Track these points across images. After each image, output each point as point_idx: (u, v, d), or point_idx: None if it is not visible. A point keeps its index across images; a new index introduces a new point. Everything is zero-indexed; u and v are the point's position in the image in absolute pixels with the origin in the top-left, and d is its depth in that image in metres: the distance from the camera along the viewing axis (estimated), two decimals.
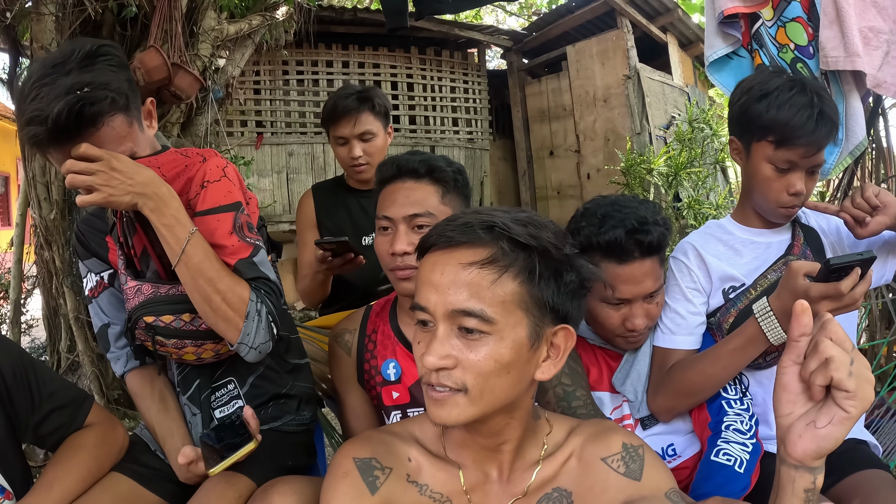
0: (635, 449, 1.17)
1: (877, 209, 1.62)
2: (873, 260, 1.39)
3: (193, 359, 1.58)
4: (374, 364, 1.70)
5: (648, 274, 1.60)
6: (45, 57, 1.40)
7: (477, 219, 1.04)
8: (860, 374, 0.84)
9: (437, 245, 1.06)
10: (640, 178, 5.29)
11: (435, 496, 1.15)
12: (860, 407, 0.83)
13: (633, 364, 1.74)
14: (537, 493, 1.15)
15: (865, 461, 1.58)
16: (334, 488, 1.11)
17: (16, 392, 1.46)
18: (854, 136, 2.07)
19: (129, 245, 1.54)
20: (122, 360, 1.68)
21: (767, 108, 1.63)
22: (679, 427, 1.73)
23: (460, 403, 1.02)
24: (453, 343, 1.01)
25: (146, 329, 1.50)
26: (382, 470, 1.14)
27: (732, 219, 1.85)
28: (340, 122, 2.50)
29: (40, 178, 3.30)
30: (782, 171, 1.65)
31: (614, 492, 1.13)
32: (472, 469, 1.17)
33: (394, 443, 1.19)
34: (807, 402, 0.89)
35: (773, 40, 2.12)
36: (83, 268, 1.69)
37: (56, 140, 1.37)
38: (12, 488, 1.44)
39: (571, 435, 1.20)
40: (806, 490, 0.88)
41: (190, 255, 1.39)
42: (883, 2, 2.08)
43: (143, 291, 1.50)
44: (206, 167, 1.52)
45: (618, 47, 7.34)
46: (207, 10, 3.85)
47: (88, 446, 1.53)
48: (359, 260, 2.12)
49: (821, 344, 0.86)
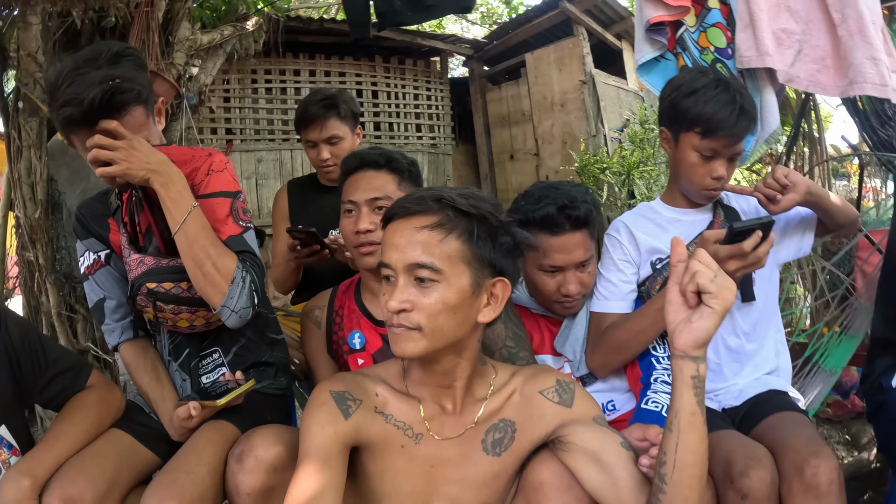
0: (567, 384, 1.43)
1: (787, 188, 1.84)
2: (772, 223, 1.63)
3: (186, 325, 1.76)
4: (342, 335, 1.90)
5: (579, 245, 1.84)
6: (76, 54, 1.60)
7: (428, 193, 1.32)
8: (721, 282, 1.11)
9: (398, 215, 1.32)
10: (595, 178, 5.56)
11: (399, 424, 1.39)
12: (721, 304, 1.11)
13: (572, 328, 1.96)
14: (486, 423, 1.39)
15: (784, 406, 1.79)
16: (313, 415, 1.32)
17: (24, 358, 1.61)
18: (768, 126, 2.32)
19: (136, 222, 1.72)
20: (116, 331, 1.84)
21: (695, 103, 1.84)
22: (617, 385, 1.95)
23: (415, 338, 1.27)
24: (410, 291, 1.27)
25: (147, 295, 1.68)
26: (354, 401, 1.36)
27: (661, 200, 2.08)
28: (309, 128, 2.67)
29: (25, 178, 3.42)
30: (706, 159, 1.87)
31: (550, 417, 1.38)
32: (429, 402, 1.40)
33: (363, 381, 1.42)
34: (686, 309, 1.15)
35: (696, 44, 2.34)
36: (81, 247, 1.85)
37: (87, 121, 1.56)
38: (18, 446, 1.60)
39: (513, 377, 1.46)
40: (692, 377, 1.13)
41: (189, 224, 1.58)
42: (795, 5, 2.30)
43: (145, 262, 1.70)
44: (213, 160, 1.74)
45: (574, 54, 7.49)
46: (182, 21, 4.05)
47: (90, 404, 1.67)
48: (324, 254, 2.30)
49: (691, 264, 1.14)
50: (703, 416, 1.15)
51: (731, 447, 1.54)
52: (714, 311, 1.12)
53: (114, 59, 1.61)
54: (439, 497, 1.36)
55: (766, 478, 1.45)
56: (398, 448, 1.37)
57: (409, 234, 1.29)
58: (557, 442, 1.33)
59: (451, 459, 1.38)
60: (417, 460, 1.37)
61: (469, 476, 1.37)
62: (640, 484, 1.22)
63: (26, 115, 3.42)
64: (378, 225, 1.75)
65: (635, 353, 1.85)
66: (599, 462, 1.26)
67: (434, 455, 1.37)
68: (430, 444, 1.38)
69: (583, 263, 1.86)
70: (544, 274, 1.88)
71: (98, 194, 1.92)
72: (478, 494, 1.36)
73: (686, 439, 1.13)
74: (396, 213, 1.33)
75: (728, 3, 2.34)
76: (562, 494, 1.27)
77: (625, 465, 1.24)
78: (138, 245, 1.76)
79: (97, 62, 1.58)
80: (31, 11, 3.14)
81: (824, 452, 1.46)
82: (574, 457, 1.29)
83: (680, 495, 1.13)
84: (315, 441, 1.28)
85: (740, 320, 1.96)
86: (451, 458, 1.38)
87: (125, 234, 1.75)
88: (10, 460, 1.55)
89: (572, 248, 1.84)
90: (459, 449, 1.38)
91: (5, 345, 1.57)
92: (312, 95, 2.72)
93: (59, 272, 3.62)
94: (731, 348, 1.96)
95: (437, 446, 1.38)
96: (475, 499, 1.36)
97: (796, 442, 1.53)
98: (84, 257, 1.85)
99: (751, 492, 1.43)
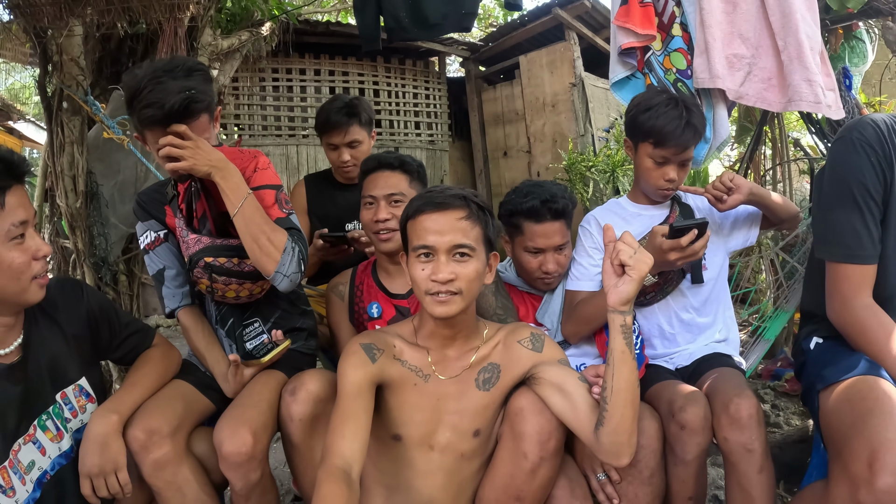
0: (538, 335, 1.82)
1: (731, 190, 2.16)
2: (706, 224, 1.96)
3: (233, 296, 2.01)
4: (363, 306, 2.25)
5: (557, 232, 2.20)
6: (153, 63, 1.89)
7: (455, 193, 1.72)
8: (638, 258, 1.52)
9: (430, 208, 1.70)
10: (581, 175, 5.90)
11: (412, 367, 1.77)
12: (638, 274, 1.51)
13: (550, 303, 2.31)
14: (478, 366, 1.78)
15: (723, 364, 2.11)
16: (348, 360, 1.70)
17: (102, 323, 1.83)
18: (719, 136, 2.64)
19: (192, 209, 2.01)
20: (176, 297, 2.10)
21: (648, 118, 2.16)
22: (588, 351, 2.27)
23: (457, 301, 1.66)
24: (451, 265, 1.65)
25: (204, 268, 1.94)
26: (378, 350, 1.74)
27: (627, 198, 2.41)
28: (332, 133, 2.83)
29: (68, 171, 3.73)
30: (659, 164, 2.19)
31: (526, 360, 1.76)
32: (436, 351, 1.79)
33: (384, 336, 1.80)
34: (615, 277, 1.55)
35: (661, 65, 2.65)
36: (142, 227, 2.13)
37: (163, 123, 1.83)
38: (95, 395, 1.82)
39: (499, 331, 1.84)
40: (621, 325, 1.53)
41: (245, 208, 1.85)
42: (746, 33, 2.56)
43: (202, 241, 1.97)
44: (259, 160, 2.06)
45: (565, 58, 7.72)
46: (206, 28, 4.37)
47: (159, 359, 1.94)
48: (350, 251, 2.58)
49: (617, 244, 1.54)
50: (632, 354, 1.53)
51: (673, 391, 1.91)
52: (632, 278, 1.51)
53: (188, 72, 1.88)
54: (443, 424, 1.74)
55: (700, 413, 1.79)
56: (412, 386, 1.74)
57: (451, 224, 1.67)
58: (532, 378, 1.72)
59: (451, 394, 1.74)
60: (426, 395, 1.74)
61: (465, 407, 1.74)
62: (592, 407, 1.60)
63: (69, 113, 3.72)
64: (394, 215, 2.13)
65: (600, 323, 2.16)
66: (563, 391, 1.64)
67: (439, 391, 1.74)
68: (436, 383, 1.75)
69: (560, 247, 2.23)
70: (528, 255, 2.24)
71: (156, 184, 2.22)
72: (472, 421, 1.74)
73: (619, 370, 1.53)
74: (429, 207, 1.70)
75: (689, 31, 2.65)
76: (536, 416, 1.64)
77: (581, 394, 1.63)
78: (193, 227, 2.04)
79: (174, 73, 1.84)
80: (77, 21, 3.46)
81: (745, 394, 1.78)
82: (544, 388, 1.67)
83: (617, 412, 1.52)
84: (350, 379, 1.66)
85: (691, 298, 2.28)
86: (452, 393, 1.74)
87: (181, 217, 2.04)
88: (87, 406, 1.77)
89: (552, 234, 2.20)
90: (458, 386, 1.74)
91: (87, 311, 1.79)
92: (332, 102, 2.89)
93: (96, 256, 3.95)
94: (684, 321, 2.28)
95: (441, 384, 1.75)
96: (471, 424, 1.73)
97: (725, 387, 1.86)
98: (145, 236, 2.12)
99: (687, 424, 1.79)
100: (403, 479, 1.75)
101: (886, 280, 1.81)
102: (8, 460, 1.56)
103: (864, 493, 1.38)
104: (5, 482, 1.55)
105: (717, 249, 2.33)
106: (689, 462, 1.82)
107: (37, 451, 1.63)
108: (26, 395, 1.63)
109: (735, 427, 1.76)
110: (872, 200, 1.75)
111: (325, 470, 1.51)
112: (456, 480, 1.75)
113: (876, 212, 1.77)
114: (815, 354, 1.90)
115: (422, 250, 1.67)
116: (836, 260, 1.81)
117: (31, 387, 1.65)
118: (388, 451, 1.78)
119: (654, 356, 2.31)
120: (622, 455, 1.57)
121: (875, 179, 1.75)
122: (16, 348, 1.64)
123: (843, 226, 1.78)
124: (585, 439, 1.62)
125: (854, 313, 1.77)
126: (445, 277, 1.63)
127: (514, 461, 1.67)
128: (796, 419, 3.38)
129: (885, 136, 1.75)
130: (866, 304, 1.76)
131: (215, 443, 1.76)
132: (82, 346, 1.79)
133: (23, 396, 1.62)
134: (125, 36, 4.18)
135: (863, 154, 1.75)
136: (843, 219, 1.78)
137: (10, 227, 1.53)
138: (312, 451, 1.80)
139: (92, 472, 1.64)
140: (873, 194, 1.75)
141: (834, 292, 1.82)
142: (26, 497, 1.60)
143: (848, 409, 1.56)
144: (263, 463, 1.80)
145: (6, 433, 1.58)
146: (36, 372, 1.67)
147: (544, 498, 1.73)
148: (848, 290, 1.78)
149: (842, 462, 1.47)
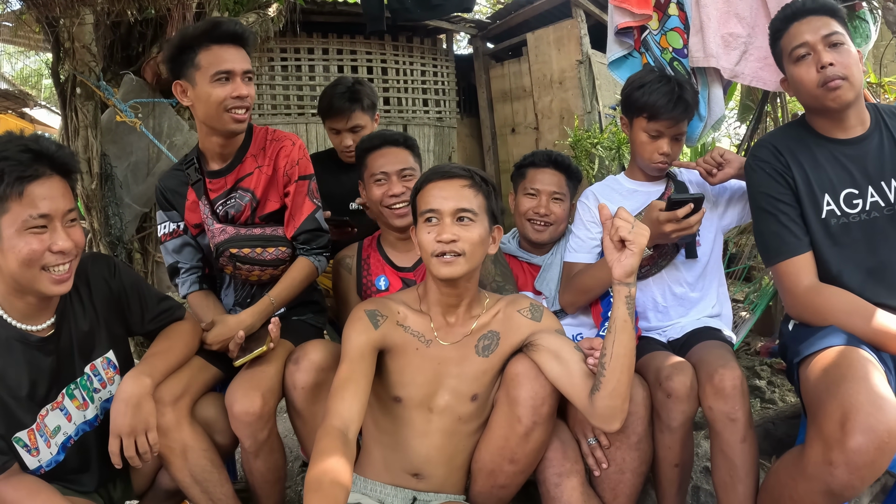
0: (537, 306, 1.90)
1: (721, 165, 2.23)
2: (703, 199, 2.02)
3: (256, 278, 2.20)
4: (370, 279, 2.33)
5: (554, 181, 2.43)
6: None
7: (459, 165, 1.83)
8: (637, 231, 1.60)
9: (438, 177, 1.81)
10: (587, 152, 5.93)
11: (414, 333, 1.86)
12: (637, 247, 1.60)
13: (548, 272, 2.42)
14: (478, 333, 1.86)
15: (711, 337, 2.18)
16: (352, 326, 1.80)
17: (133, 299, 1.91)
18: (714, 114, 2.71)
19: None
20: (186, 284, 2.26)
21: (642, 94, 2.23)
22: (584, 321, 2.36)
23: (460, 262, 1.75)
24: (455, 228, 1.75)
25: (230, 258, 2.12)
26: (382, 316, 1.84)
27: (624, 174, 2.48)
28: (335, 118, 2.85)
29: (83, 154, 3.84)
30: (653, 138, 2.26)
31: (524, 329, 1.85)
32: (438, 317, 1.87)
33: (389, 302, 1.89)
34: (617, 252, 1.64)
35: (658, 45, 2.71)
36: (162, 216, 2.27)
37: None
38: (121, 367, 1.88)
39: (499, 301, 1.92)
40: (626, 297, 1.63)
41: (278, 302, 2.15)
42: (742, 13, 2.62)
43: (227, 231, 2.14)
44: (299, 147, 2.24)
45: (572, 35, 7.73)
46: (213, 12, 4.42)
47: (189, 331, 2.01)
48: (352, 233, 2.66)
49: (614, 221, 1.62)
50: (633, 323, 1.62)
51: (661, 361, 1.99)
52: (633, 252, 1.61)
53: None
54: (443, 387, 1.83)
55: (686, 382, 1.88)
56: (414, 350, 1.83)
57: (456, 190, 1.78)
58: (529, 346, 1.80)
59: (452, 359, 1.82)
60: (428, 359, 1.82)
61: (465, 372, 1.81)
62: (586, 375, 1.69)
63: (83, 99, 3.84)
64: (407, 188, 2.21)
65: (596, 294, 2.25)
66: (559, 358, 1.73)
67: (440, 355, 1.82)
68: (437, 348, 1.83)
69: (556, 197, 2.41)
70: (526, 197, 2.44)
71: (174, 168, 2.34)
72: (471, 385, 1.82)
73: (620, 338, 1.62)
74: (436, 177, 1.82)
75: (685, 10, 2.70)
76: (530, 382, 1.73)
77: (577, 361, 1.71)
78: (219, 218, 2.19)
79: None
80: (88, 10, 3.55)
81: (730, 365, 1.86)
82: (541, 355, 1.75)
83: (615, 377, 1.61)
84: (353, 344, 1.76)
85: (685, 273, 2.33)
86: (452, 358, 1.82)
87: (206, 203, 2.17)
88: (115, 378, 1.84)
89: (548, 180, 2.41)
90: (458, 352, 1.83)
91: (119, 288, 1.87)
92: (334, 87, 2.89)
93: (111, 235, 4.08)
94: (677, 295, 2.34)
95: (442, 349, 1.83)
96: (469, 388, 1.82)
97: (711, 358, 1.94)
98: (164, 225, 2.26)
99: (673, 392, 1.87)
100: (402, 438, 1.84)
101: (825, 262, 1.94)
102: (35, 424, 1.67)
103: (836, 452, 1.46)
104: (31, 443, 1.66)
105: (711, 225, 2.38)
106: (675, 429, 1.91)
107: (63, 417, 1.74)
108: (57, 365, 1.72)
109: (719, 397, 1.84)
110: (781, 202, 1.97)
111: (324, 429, 1.60)
112: (452, 442, 1.84)
113: (790, 210, 1.97)
114: (794, 334, 1.98)
115: (428, 214, 1.78)
116: (771, 263, 2.00)
117: (62, 358, 1.73)
118: (388, 411, 1.87)
119: (648, 329, 2.37)
120: (615, 419, 1.66)
121: (777, 185, 1.98)
122: (49, 324, 1.72)
123: (764, 234, 2.00)
124: (579, 404, 1.71)
125: (803, 300, 1.91)
126: (449, 237, 1.72)
127: (509, 425, 1.75)
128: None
129: (778, 150, 2.01)
130: (809, 287, 1.90)
131: (227, 404, 1.89)
132: (112, 320, 1.87)
133: (53, 367, 1.71)
134: (135, 22, 4.24)
135: (760, 171, 2.02)
136: (763, 228, 2.01)
137: (28, 217, 1.54)
138: (315, 418, 1.90)
139: (123, 432, 1.71)
140: (779, 198, 1.97)
141: (783, 291, 2.00)
142: (49, 458, 1.70)
143: (822, 377, 1.64)
144: (271, 423, 1.93)
145: (36, 399, 1.68)
146: (67, 345, 1.75)
147: (537, 460, 1.83)
148: (790, 283, 1.94)
149: (816, 424, 1.55)
